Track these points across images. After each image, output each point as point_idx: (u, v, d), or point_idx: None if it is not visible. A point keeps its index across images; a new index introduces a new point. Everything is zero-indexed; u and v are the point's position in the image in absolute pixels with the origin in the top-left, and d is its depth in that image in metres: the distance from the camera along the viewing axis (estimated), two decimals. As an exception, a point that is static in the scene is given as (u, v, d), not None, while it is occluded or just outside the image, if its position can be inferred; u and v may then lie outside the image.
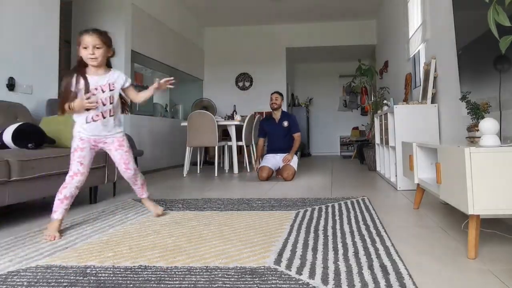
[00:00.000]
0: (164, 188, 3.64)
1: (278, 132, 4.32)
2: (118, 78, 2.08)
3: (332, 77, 9.51)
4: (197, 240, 1.76)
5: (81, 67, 2.00)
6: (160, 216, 2.28)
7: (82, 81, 1.96)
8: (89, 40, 1.92)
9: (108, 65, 2.10)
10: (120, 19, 4.66)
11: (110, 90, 2.04)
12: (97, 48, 1.94)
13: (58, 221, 1.94)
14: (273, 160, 4.23)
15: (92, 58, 1.95)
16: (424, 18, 3.61)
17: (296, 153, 4.27)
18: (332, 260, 1.43)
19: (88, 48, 1.93)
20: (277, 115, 4.38)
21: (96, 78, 2.01)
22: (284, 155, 4.21)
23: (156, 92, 2.16)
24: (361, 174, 4.60)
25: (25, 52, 3.13)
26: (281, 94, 4.43)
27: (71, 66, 4.69)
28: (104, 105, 2.03)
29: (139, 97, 2.18)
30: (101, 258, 1.51)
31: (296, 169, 4.14)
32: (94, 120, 2.02)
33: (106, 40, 1.99)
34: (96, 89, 2.00)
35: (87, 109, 1.97)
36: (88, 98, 1.92)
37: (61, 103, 1.93)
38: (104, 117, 2.04)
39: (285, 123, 4.31)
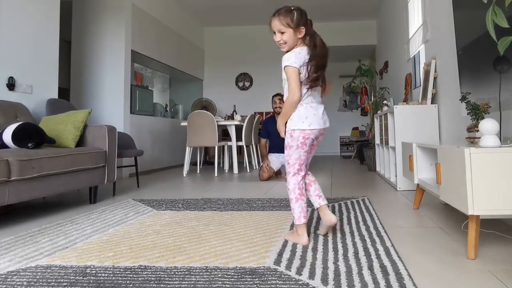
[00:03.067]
0: (164, 188, 3.64)
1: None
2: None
3: (332, 77, 9.50)
4: (197, 240, 1.76)
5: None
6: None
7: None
8: (273, 24, 1.71)
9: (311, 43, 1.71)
10: (120, 19, 4.65)
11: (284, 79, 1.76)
12: (282, 33, 1.70)
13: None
14: (276, 161, 4.22)
15: (281, 45, 1.73)
16: (424, 18, 3.61)
17: None
18: (332, 260, 1.43)
19: (276, 34, 1.72)
20: None
21: None
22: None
23: None
24: (361, 175, 4.60)
25: (25, 52, 3.13)
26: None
27: (70, 66, 4.70)
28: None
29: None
30: (101, 258, 1.51)
31: None
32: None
33: (290, 21, 1.68)
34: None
35: None
36: None
37: None
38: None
39: None
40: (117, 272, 1.36)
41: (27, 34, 3.15)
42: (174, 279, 1.28)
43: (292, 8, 1.70)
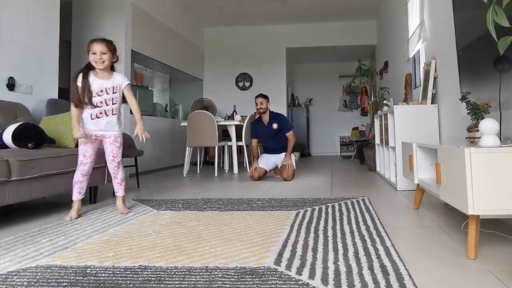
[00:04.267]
0: (164, 188, 3.64)
1: (269, 134, 4.24)
2: (120, 80, 2.43)
3: (332, 77, 9.50)
4: (197, 240, 1.76)
5: (88, 70, 2.36)
6: (123, 214, 2.42)
7: (88, 81, 2.33)
8: (97, 47, 2.29)
9: (112, 69, 2.45)
10: (120, 19, 4.66)
11: (114, 92, 2.38)
12: (104, 53, 2.31)
13: (75, 202, 2.35)
14: (267, 160, 4.23)
15: (98, 62, 2.31)
16: (424, 18, 3.61)
17: (293, 152, 4.25)
18: (332, 260, 1.43)
19: (96, 54, 2.29)
20: (265, 118, 4.27)
21: (101, 82, 2.35)
22: (279, 155, 4.20)
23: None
24: (361, 175, 4.60)
25: (25, 52, 3.13)
26: (265, 97, 4.28)
27: (71, 66, 4.69)
28: (107, 105, 2.36)
29: (131, 104, 2.48)
30: (101, 258, 1.51)
31: (295, 168, 4.13)
32: (98, 117, 2.35)
33: (111, 47, 2.36)
34: (102, 91, 2.34)
35: (94, 107, 2.32)
36: (90, 98, 2.31)
37: (74, 99, 2.31)
38: (107, 115, 2.37)
39: (275, 125, 4.19)
40: (117, 272, 1.36)
41: (27, 34, 3.15)
42: (174, 279, 1.28)
43: (112, 41, 2.41)
